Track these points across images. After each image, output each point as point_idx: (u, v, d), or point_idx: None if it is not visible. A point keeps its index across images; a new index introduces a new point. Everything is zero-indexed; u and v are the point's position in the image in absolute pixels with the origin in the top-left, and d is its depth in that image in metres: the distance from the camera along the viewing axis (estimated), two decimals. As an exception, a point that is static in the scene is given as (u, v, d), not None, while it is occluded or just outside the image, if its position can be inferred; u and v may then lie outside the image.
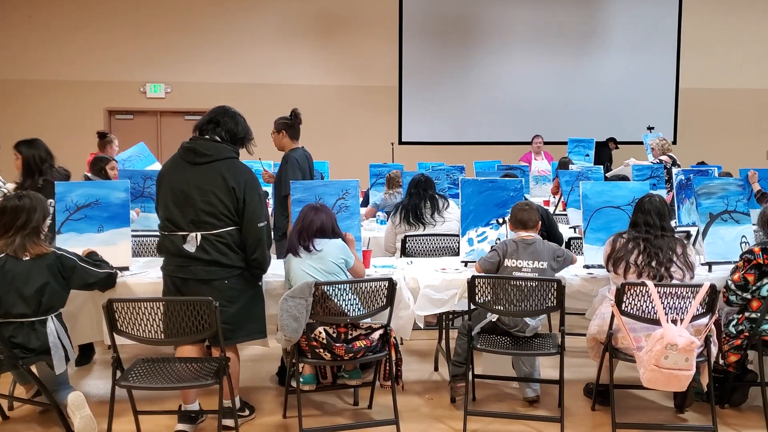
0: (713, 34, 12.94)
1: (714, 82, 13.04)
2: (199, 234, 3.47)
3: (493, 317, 3.84)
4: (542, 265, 3.85)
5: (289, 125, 5.05)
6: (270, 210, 5.26)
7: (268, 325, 3.77)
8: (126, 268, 4.09)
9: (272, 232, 4.49)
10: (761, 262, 3.73)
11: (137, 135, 12.02)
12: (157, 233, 3.71)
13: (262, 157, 5.33)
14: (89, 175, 5.74)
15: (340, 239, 3.85)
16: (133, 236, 4.44)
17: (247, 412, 3.85)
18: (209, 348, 3.67)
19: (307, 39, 12.40)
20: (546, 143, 10.34)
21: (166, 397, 3.99)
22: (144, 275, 4.05)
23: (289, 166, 4.91)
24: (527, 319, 3.80)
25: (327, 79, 12.47)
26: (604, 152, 11.49)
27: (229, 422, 3.48)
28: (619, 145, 11.80)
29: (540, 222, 4.11)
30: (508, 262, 3.87)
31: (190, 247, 3.46)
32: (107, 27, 11.86)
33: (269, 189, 5.70)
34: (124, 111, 12.21)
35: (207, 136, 3.60)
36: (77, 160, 7.65)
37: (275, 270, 3.94)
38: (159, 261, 3.75)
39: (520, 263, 3.85)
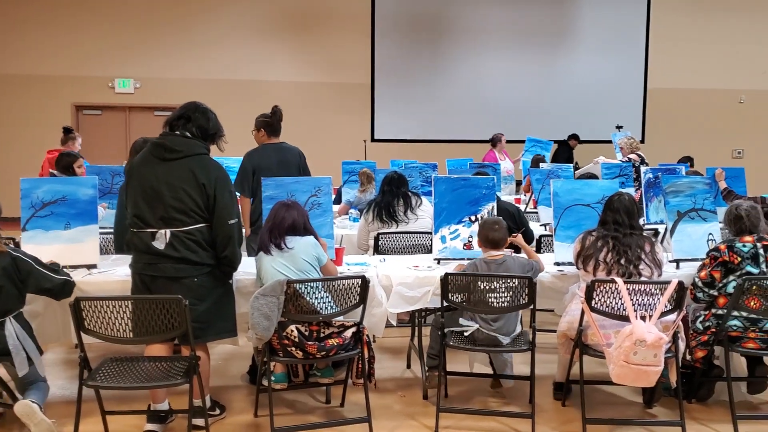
0: (681, 34, 13.15)
1: (681, 82, 13.26)
2: (168, 231, 3.42)
3: (467, 331, 3.82)
4: (514, 283, 3.71)
5: (268, 123, 5.09)
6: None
7: (238, 323, 3.73)
8: (94, 266, 4.02)
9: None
10: (727, 259, 3.80)
11: (105, 131, 11.88)
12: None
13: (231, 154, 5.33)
14: (55, 172, 5.62)
15: (312, 237, 3.82)
16: (101, 234, 4.37)
17: (217, 411, 3.81)
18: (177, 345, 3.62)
19: (280, 35, 12.33)
20: (518, 141, 10.43)
21: (134, 396, 3.93)
22: (112, 273, 3.98)
23: (240, 170, 5.02)
24: (500, 337, 3.80)
25: (300, 76, 12.42)
26: (564, 150, 11.62)
27: (199, 422, 3.44)
28: (579, 143, 11.88)
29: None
30: (481, 285, 3.71)
31: (159, 244, 3.41)
32: (74, 20, 11.65)
33: None
34: (92, 106, 12.01)
35: (177, 132, 3.55)
36: (43, 156, 7.51)
37: (246, 268, 3.90)
38: (127, 259, 3.69)
39: (493, 285, 3.70)
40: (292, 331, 3.48)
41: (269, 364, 3.57)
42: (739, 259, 3.76)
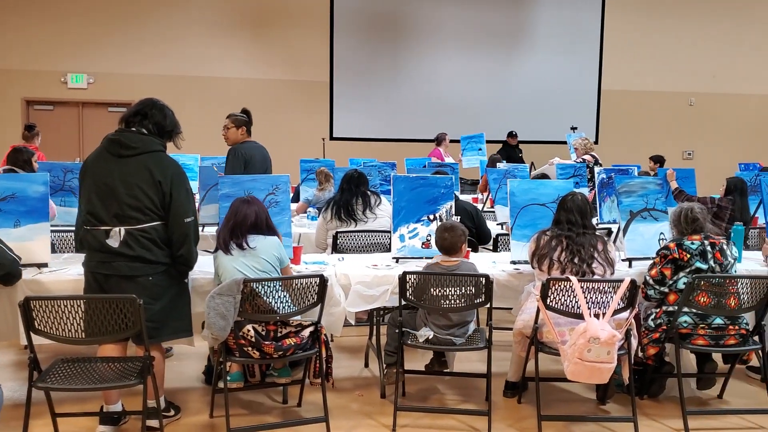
0: (634, 38, 13.44)
1: (634, 84, 13.56)
2: (122, 229, 3.36)
3: (423, 337, 3.83)
4: (470, 290, 3.71)
5: (248, 122, 5.48)
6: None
7: (194, 323, 3.68)
8: (45, 265, 3.92)
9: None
10: (677, 257, 3.90)
11: (57, 126, 11.58)
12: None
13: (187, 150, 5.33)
14: (15, 168, 5.44)
15: (275, 237, 3.79)
16: (52, 231, 4.26)
17: (172, 413, 3.76)
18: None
19: (238, 32, 12.20)
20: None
21: (87, 398, 3.85)
22: (64, 272, 3.89)
23: (234, 158, 5.25)
24: (455, 338, 3.81)
25: (258, 73, 12.30)
26: (507, 148, 11.80)
27: (153, 423, 3.39)
28: (517, 140, 12.06)
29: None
30: (434, 291, 3.68)
31: (114, 242, 3.35)
32: (26, 13, 11.32)
33: None
34: (44, 101, 11.68)
35: (134, 129, 3.49)
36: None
37: (202, 267, 3.86)
38: (80, 257, 3.61)
39: (447, 291, 3.68)
40: (248, 330, 3.45)
41: (225, 364, 3.53)
42: (688, 256, 3.87)
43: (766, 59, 13.81)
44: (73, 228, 3.80)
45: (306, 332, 3.59)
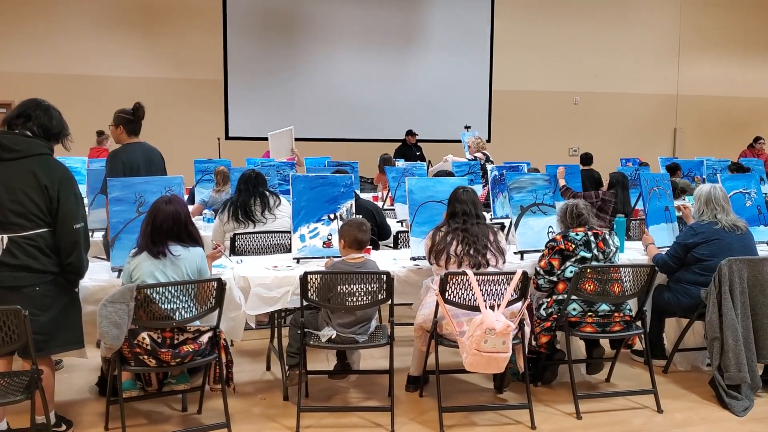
0: (521, 40, 13.98)
1: (523, 84, 14.10)
2: (5, 237, 3.18)
3: (326, 337, 3.82)
4: (374, 287, 3.74)
5: (128, 120, 4.80)
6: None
7: (86, 333, 3.52)
8: None
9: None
10: (563, 247, 4.11)
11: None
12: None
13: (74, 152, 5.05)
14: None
15: (200, 249, 3.66)
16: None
17: (63, 427, 3.58)
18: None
19: (126, 29, 11.74)
20: (372, 140, 10.63)
21: (-33, 418, 3.60)
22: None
23: (112, 164, 4.68)
24: (357, 336, 3.83)
25: (148, 72, 11.89)
26: (405, 147, 12.03)
27: (43, 440, 3.22)
28: (415, 138, 12.33)
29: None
30: (340, 288, 3.67)
31: (-5, 251, 3.16)
32: None
33: None
34: None
35: (17, 131, 3.29)
36: None
37: (93, 274, 3.69)
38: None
39: (353, 288, 3.67)
40: (143, 338, 3.34)
41: (120, 373, 3.40)
42: (573, 246, 4.08)
43: (643, 61, 14.75)
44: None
45: (204, 338, 3.51)
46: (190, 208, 6.39)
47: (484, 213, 4.29)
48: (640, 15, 14.68)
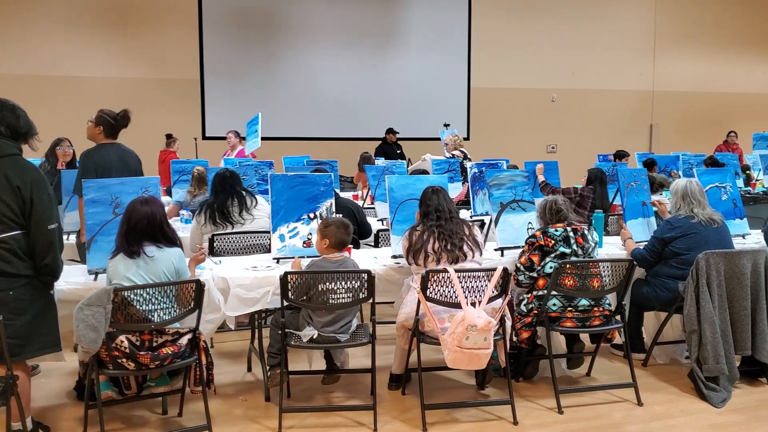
0: (499, 38, 14.03)
1: (500, 82, 14.15)
2: (-24, 241, 3.10)
3: (307, 336, 3.80)
4: (355, 285, 3.73)
5: (109, 123, 4.84)
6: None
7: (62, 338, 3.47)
8: None
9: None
10: (543, 243, 4.12)
11: None
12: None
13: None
14: None
15: (179, 249, 3.60)
16: None
17: (40, 433, 3.53)
18: None
19: (100, 29, 11.59)
20: (351, 139, 10.60)
21: (-60, 426, 3.53)
22: None
23: (84, 164, 4.63)
24: (339, 335, 3.82)
25: (123, 72, 11.75)
26: (385, 146, 12.03)
27: (19, 446, 3.17)
28: (396, 136, 12.33)
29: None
30: (322, 286, 3.66)
31: (-34, 256, 3.09)
32: None
33: None
34: None
35: (-17, 133, 3.23)
36: None
37: (69, 277, 3.64)
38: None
39: (335, 285, 3.67)
40: (122, 341, 3.29)
41: (98, 377, 3.35)
42: (553, 242, 4.10)
43: (618, 57, 14.87)
44: None
45: (184, 340, 3.47)
46: (167, 209, 6.35)
47: (464, 210, 4.30)
48: (615, 12, 14.82)
